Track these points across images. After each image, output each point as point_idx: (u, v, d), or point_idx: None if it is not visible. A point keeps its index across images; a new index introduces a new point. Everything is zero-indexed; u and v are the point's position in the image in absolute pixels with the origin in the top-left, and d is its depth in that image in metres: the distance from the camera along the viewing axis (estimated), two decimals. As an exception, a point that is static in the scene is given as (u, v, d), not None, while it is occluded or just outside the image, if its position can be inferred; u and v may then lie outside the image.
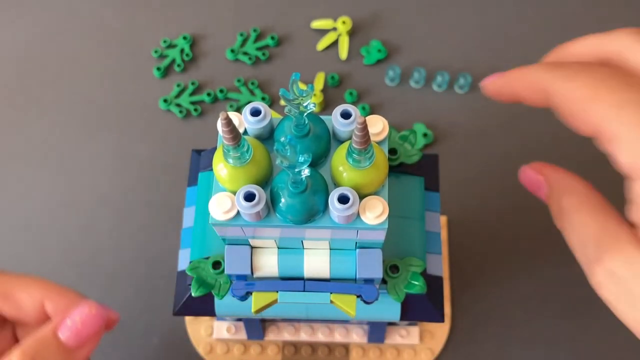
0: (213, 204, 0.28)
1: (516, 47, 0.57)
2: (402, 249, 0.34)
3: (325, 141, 0.29)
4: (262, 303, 0.32)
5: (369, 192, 0.28)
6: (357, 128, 0.25)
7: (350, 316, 0.32)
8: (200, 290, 0.32)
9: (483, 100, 0.55)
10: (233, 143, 0.26)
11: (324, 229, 0.29)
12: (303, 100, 0.26)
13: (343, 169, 0.27)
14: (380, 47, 0.56)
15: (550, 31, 0.58)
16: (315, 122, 0.29)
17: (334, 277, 0.32)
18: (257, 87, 0.55)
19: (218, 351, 0.46)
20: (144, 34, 0.58)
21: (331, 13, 0.58)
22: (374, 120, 0.30)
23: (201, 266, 0.33)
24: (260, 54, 0.56)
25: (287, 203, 0.27)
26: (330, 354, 0.46)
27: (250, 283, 0.32)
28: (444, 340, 0.47)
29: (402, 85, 0.56)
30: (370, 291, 0.32)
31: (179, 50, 0.57)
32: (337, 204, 0.27)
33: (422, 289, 0.33)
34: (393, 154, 0.35)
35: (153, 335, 0.48)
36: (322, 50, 0.57)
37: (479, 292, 0.49)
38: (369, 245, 0.31)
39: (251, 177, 0.27)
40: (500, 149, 0.53)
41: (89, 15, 0.59)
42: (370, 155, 0.27)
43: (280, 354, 0.46)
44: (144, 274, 0.50)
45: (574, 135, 0.56)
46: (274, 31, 0.58)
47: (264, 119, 0.29)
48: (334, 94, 0.55)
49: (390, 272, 0.33)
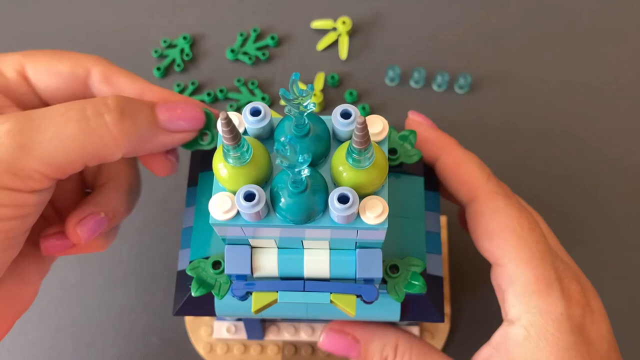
0: (213, 204, 0.28)
1: (516, 47, 0.57)
2: (402, 249, 0.34)
3: (325, 141, 0.29)
4: (262, 303, 0.32)
5: (369, 192, 0.28)
6: (357, 128, 0.25)
7: (350, 316, 0.32)
8: (200, 291, 0.32)
9: (483, 100, 0.55)
10: (233, 143, 0.26)
11: (323, 228, 0.29)
12: (303, 100, 0.26)
13: (343, 168, 0.27)
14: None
15: (550, 31, 0.58)
16: (315, 122, 0.29)
17: (334, 277, 0.32)
18: (257, 87, 0.55)
19: (218, 351, 0.46)
20: (144, 34, 0.58)
21: (331, 13, 0.58)
22: (373, 120, 0.30)
23: (201, 266, 0.33)
24: (260, 54, 0.56)
25: (287, 203, 0.27)
26: (330, 354, 0.46)
27: (250, 283, 0.32)
28: (443, 340, 0.47)
29: (402, 85, 0.56)
30: (370, 291, 0.32)
31: (179, 50, 0.57)
32: (337, 203, 0.27)
33: (422, 289, 0.33)
34: (393, 154, 0.35)
35: (153, 335, 0.48)
36: (322, 50, 0.57)
37: (479, 292, 0.49)
38: (369, 245, 0.31)
39: (251, 177, 0.27)
40: (500, 149, 0.53)
41: (89, 15, 0.59)
42: (370, 155, 0.27)
43: (280, 354, 0.46)
44: (144, 274, 0.50)
45: (573, 135, 0.56)
46: (274, 31, 0.58)
47: (264, 119, 0.29)
48: (334, 94, 0.55)
49: (390, 272, 0.33)
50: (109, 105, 0.30)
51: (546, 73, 0.56)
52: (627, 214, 0.52)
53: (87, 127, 0.29)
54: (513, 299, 0.33)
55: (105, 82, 0.33)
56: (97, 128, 0.29)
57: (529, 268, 0.33)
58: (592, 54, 0.57)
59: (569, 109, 0.55)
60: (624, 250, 0.51)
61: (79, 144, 0.29)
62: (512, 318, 0.33)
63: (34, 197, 0.29)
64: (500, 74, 0.56)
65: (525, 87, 0.56)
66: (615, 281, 0.49)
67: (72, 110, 0.29)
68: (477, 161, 0.36)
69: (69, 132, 0.29)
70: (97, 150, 0.30)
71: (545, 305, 0.32)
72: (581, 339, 0.32)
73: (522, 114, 0.55)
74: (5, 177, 0.28)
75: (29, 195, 0.29)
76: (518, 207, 0.34)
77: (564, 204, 0.52)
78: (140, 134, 0.31)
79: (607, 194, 0.52)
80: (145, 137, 0.32)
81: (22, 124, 0.28)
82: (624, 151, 0.54)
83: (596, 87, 0.56)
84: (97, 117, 0.29)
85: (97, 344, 0.48)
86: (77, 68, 0.33)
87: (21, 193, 0.28)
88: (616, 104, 0.55)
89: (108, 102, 0.30)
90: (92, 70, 0.33)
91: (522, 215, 0.34)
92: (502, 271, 0.34)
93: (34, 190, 0.29)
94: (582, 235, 0.51)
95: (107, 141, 0.30)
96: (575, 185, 0.52)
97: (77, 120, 0.29)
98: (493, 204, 0.34)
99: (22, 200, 0.29)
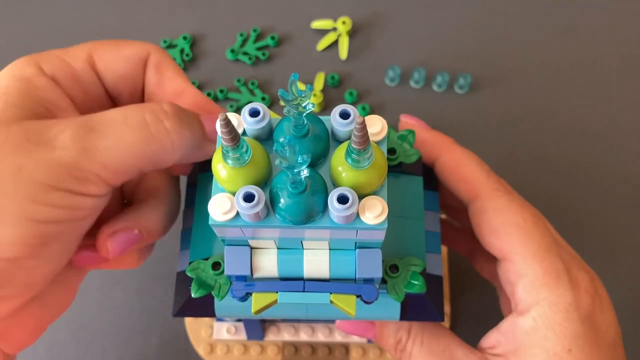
0: (212, 205, 0.28)
1: (516, 47, 0.57)
2: (402, 249, 0.34)
3: (324, 141, 0.29)
4: (262, 304, 0.32)
5: (368, 192, 0.28)
6: (356, 128, 0.25)
7: (350, 316, 0.32)
8: (200, 292, 0.32)
9: (483, 100, 0.55)
10: (232, 144, 0.26)
11: (323, 229, 0.28)
12: (302, 100, 0.26)
13: (342, 169, 0.27)
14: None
15: (550, 31, 0.58)
16: (314, 123, 0.29)
17: (334, 277, 0.32)
18: (257, 87, 0.55)
19: (218, 352, 0.46)
20: (144, 34, 0.58)
21: (331, 13, 0.58)
22: (372, 120, 0.30)
23: (201, 267, 0.33)
24: (260, 54, 0.56)
25: (286, 203, 0.27)
26: (330, 354, 0.46)
27: (250, 284, 0.32)
28: (444, 340, 0.47)
29: (402, 85, 0.56)
30: (370, 291, 0.32)
31: (179, 50, 0.57)
32: (337, 204, 0.27)
33: (422, 289, 0.33)
34: (392, 154, 0.35)
35: (153, 335, 0.48)
36: (322, 50, 0.57)
37: (479, 292, 0.49)
38: (369, 245, 0.31)
39: (250, 178, 0.27)
40: (500, 149, 0.53)
41: (89, 15, 0.59)
42: (369, 155, 0.27)
43: (280, 354, 0.46)
44: (144, 274, 0.50)
45: (574, 134, 0.56)
46: (274, 31, 0.58)
47: (263, 120, 0.29)
48: (334, 94, 0.55)
49: (390, 272, 0.33)
50: (167, 112, 0.30)
51: (546, 73, 0.56)
52: (627, 214, 0.52)
53: (148, 133, 0.30)
54: (522, 292, 0.34)
55: (156, 69, 0.34)
56: (157, 134, 0.30)
57: (536, 261, 0.33)
58: (592, 54, 0.57)
59: (569, 109, 0.55)
60: (624, 250, 0.51)
61: (140, 149, 0.29)
62: (522, 310, 0.34)
63: (91, 201, 0.29)
64: (500, 74, 0.56)
65: (525, 87, 0.56)
66: (615, 281, 0.49)
67: (132, 116, 0.30)
68: (476, 159, 0.37)
69: (130, 138, 0.29)
70: (157, 155, 0.30)
71: (554, 296, 0.33)
72: (589, 328, 0.33)
73: (522, 114, 0.55)
74: (66, 179, 0.28)
75: (86, 199, 0.29)
76: (520, 202, 0.35)
77: (565, 204, 0.52)
78: (194, 142, 0.32)
79: (607, 194, 0.52)
80: (197, 146, 0.32)
81: (85, 129, 0.29)
82: (624, 151, 0.53)
83: (596, 87, 0.56)
84: (157, 123, 0.30)
85: (97, 344, 0.48)
86: (141, 51, 0.34)
87: (79, 196, 0.29)
88: (617, 104, 0.55)
89: (165, 109, 0.31)
90: (151, 55, 0.34)
91: (525, 209, 0.35)
92: (510, 266, 0.34)
93: (92, 194, 0.29)
94: (582, 235, 0.51)
95: (166, 147, 0.30)
96: (576, 185, 0.52)
97: (138, 127, 0.29)
98: (495, 201, 0.35)
99: (78, 203, 0.29)
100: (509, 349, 0.34)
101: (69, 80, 0.32)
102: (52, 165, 0.28)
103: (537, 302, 0.33)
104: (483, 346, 0.35)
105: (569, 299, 0.33)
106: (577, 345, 0.32)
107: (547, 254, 0.34)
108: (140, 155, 0.30)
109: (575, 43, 0.57)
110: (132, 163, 0.30)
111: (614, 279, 0.49)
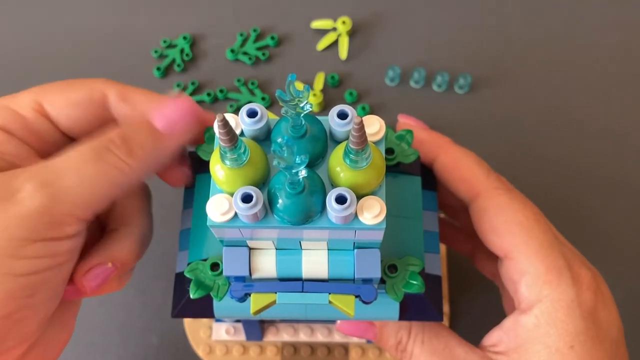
0: (210, 206, 0.28)
1: (516, 47, 0.57)
2: (400, 249, 0.34)
3: (322, 142, 0.29)
4: (261, 304, 0.32)
5: (367, 192, 0.28)
6: (354, 128, 0.25)
7: (349, 316, 0.32)
8: (199, 292, 0.32)
9: (483, 100, 0.55)
10: (230, 145, 0.26)
11: (321, 229, 0.28)
12: (300, 101, 0.26)
13: (340, 169, 0.27)
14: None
15: (549, 31, 0.58)
16: (312, 123, 0.29)
17: (332, 278, 0.32)
18: (257, 87, 0.55)
19: (217, 352, 0.46)
20: (144, 34, 0.58)
21: (331, 13, 0.58)
22: (370, 121, 0.29)
23: (199, 268, 0.33)
24: (260, 54, 0.56)
25: (284, 204, 0.27)
26: (330, 354, 0.46)
27: (249, 284, 0.32)
28: (444, 340, 0.47)
29: (402, 85, 0.56)
30: (369, 291, 0.32)
31: (179, 50, 0.57)
32: (335, 204, 0.27)
33: (421, 289, 0.33)
34: (390, 154, 0.35)
35: (152, 336, 0.48)
36: (322, 50, 0.57)
37: (478, 291, 0.48)
38: (367, 245, 0.31)
39: (248, 179, 0.27)
40: (500, 149, 0.53)
41: (89, 15, 0.59)
42: (367, 155, 0.27)
43: (280, 355, 0.46)
44: (143, 275, 0.50)
45: (574, 134, 0.56)
46: (274, 31, 0.58)
47: (261, 120, 0.29)
48: (334, 94, 0.55)
49: (389, 272, 0.33)
50: (114, 141, 0.31)
51: (546, 73, 0.56)
52: (627, 214, 0.51)
53: (104, 163, 0.30)
54: (525, 290, 0.34)
55: (123, 100, 0.34)
56: (113, 162, 0.31)
57: (539, 259, 0.33)
58: (592, 53, 0.57)
59: (569, 109, 0.55)
60: (624, 250, 0.50)
61: (103, 180, 0.30)
62: (525, 307, 0.34)
63: (69, 243, 0.30)
64: (500, 74, 0.56)
65: (525, 87, 0.56)
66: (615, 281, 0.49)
67: (86, 152, 0.30)
68: (475, 158, 0.37)
69: (90, 172, 0.30)
70: (120, 181, 0.31)
71: (556, 293, 0.33)
72: (592, 324, 0.33)
73: (521, 114, 0.55)
74: (41, 228, 0.28)
75: (64, 242, 0.30)
76: (521, 200, 0.35)
77: (565, 204, 0.52)
78: (151, 154, 0.32)
79: (607, 194, 0.52)
80: (156, 152, 0.32)
81: (46, 176, 0.29)
82: (625, 151, 0.53)
83: (596, 87, 0.56)
84: (109, 154, 0.31)
85: (97, 344, 0.48)
86: (92, 93, 0.34)
87: (57, 242, 0.29)
88: (617, 104, 0.55)
89: (112, 138, 0.31)
90: (109, 92, 0.34)
91: (527, 207, 0.35)
92: (513, 264, 0.34)
93: (69, 235, 0.30)
94: (582, 235, 0.51)
95: (125, 171, 0.31)
96: (576, 184, 0.52)
97: (94, 160, 0.30)
98: (496, 199, 0.35)
99: (57, 249, 0.29)
100: (511, 346, 0.34)
101: (22, 130, 0.33)
102: (23, 218, 0.28)
103: (540, 299, 0.33)
104: (485, 344, 0.36)
105: (571, 295, 0.33)
106: (579, 341, 0.32)
107: (549, 251, 0.34)
108: (104, 184, 0.30)
109: (575, 43, 0.57)
110: (99, 193, 0.30)
111: (614, 279, 0.49)
